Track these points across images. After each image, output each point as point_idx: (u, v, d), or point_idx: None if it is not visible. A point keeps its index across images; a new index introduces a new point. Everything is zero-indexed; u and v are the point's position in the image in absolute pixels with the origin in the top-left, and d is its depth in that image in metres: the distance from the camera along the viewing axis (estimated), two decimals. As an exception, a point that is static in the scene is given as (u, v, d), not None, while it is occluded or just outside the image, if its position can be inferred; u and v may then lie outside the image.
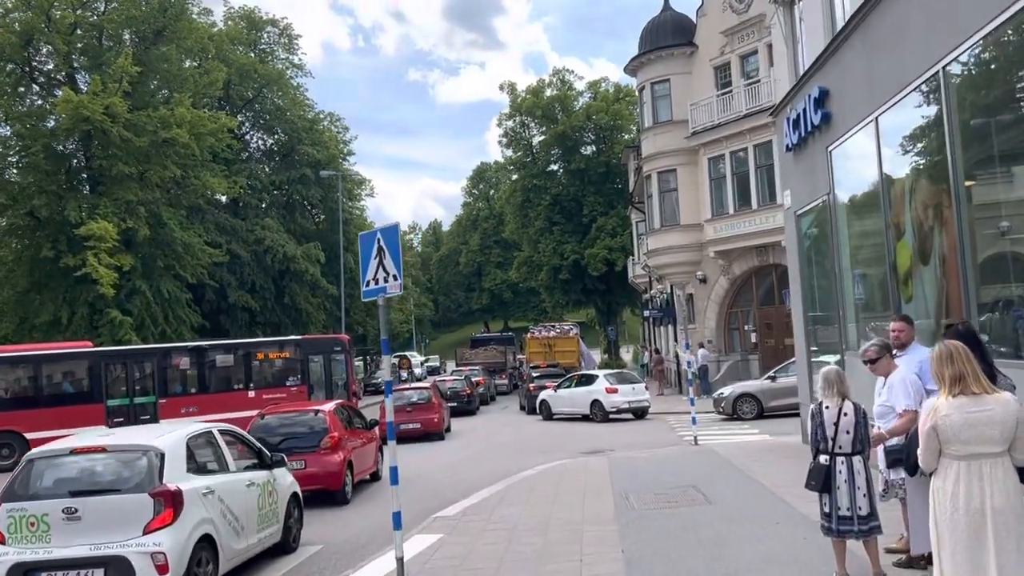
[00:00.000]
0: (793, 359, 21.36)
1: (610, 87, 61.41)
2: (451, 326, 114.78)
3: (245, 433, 9.50)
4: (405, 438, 21.03)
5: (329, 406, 14.20)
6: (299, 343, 26.88)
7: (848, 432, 5.85)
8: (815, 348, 13.56)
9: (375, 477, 15.20)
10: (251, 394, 25.51)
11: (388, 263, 7.03)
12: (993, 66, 7.52)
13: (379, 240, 7.15)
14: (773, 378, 20.62)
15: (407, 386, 23.69)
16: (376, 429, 15.97)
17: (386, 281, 7.05)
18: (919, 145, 8.84)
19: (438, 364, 67.71)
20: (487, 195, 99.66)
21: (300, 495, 10.18)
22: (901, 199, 9.45)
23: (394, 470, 7.14)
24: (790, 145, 13.30)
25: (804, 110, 12.27)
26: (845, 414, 5.87)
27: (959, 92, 7.84)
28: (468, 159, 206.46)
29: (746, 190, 27.65)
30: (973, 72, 7.74)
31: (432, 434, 21.12)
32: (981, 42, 7.11)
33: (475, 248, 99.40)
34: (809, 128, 12.19)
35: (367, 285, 7.27)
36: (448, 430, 23.31)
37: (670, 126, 30.33)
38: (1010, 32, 6.78)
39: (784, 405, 20.23)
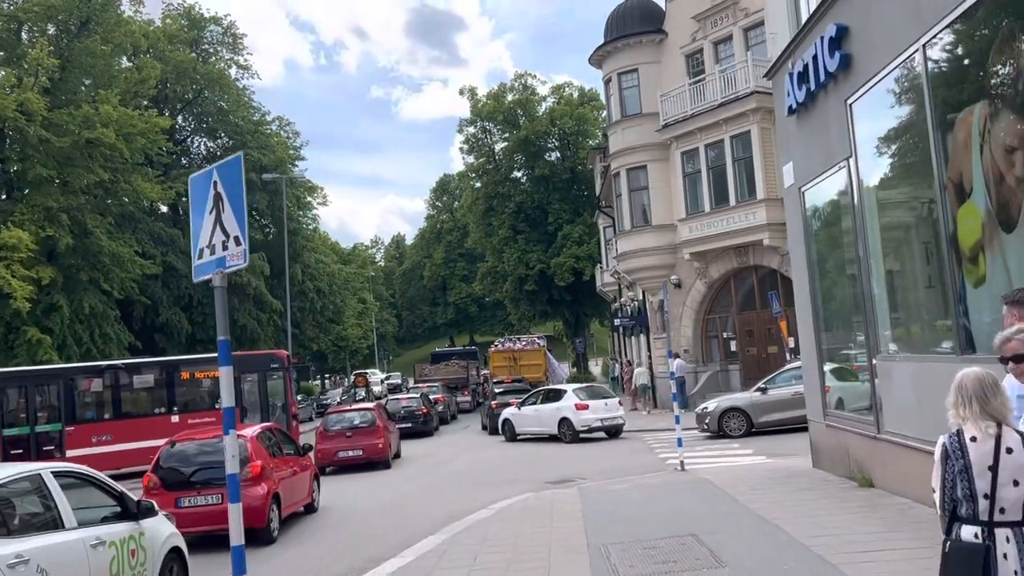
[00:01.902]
0: (788, 367, 19.10)
1: (574, 92, 59.48)
2: (416, 342, 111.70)
3: (99, 474, 7.18)
4: (346, 467, 18.41)
5: (251, 431, 12.01)
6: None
7: (1016, 483, 3.29)
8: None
9: (310, 509, 13.28)
10: (175, 419, 22.61)
11: (228, 219, 4.46)
12: None
13: (216, 184, 4.56)
14: (764, 390, 18.25)
15: (348, 407, 20.91)
16: (311, 455, 13.86)
17: (225, 248, 4.47)
18: (1001, 69, 6.47)
19: (400, 381, 64.66)
20: (451, 207, 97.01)
21: (184, 550, 7.91)
22: (964, 148, 7.06)
23: (238, 553, 4.50)
24: (793, 106, 10.94)
25: (814, 57, 9.91)
26: (1009, 450, 3.30)
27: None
28: (433, 175, 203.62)
29: (723, 186, 25.42)
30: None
31: (376, 462, 18.38)
32: None
33: (439, 261, 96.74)
34: (821, 79, 9.83)
35: (199, 257, 4.68)
36: (397, 456, 20.57)
37: (639, 119, 28.07)
38: None
39: (777, 421, 17.92)
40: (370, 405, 19.54)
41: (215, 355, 20.55)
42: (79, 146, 31.12)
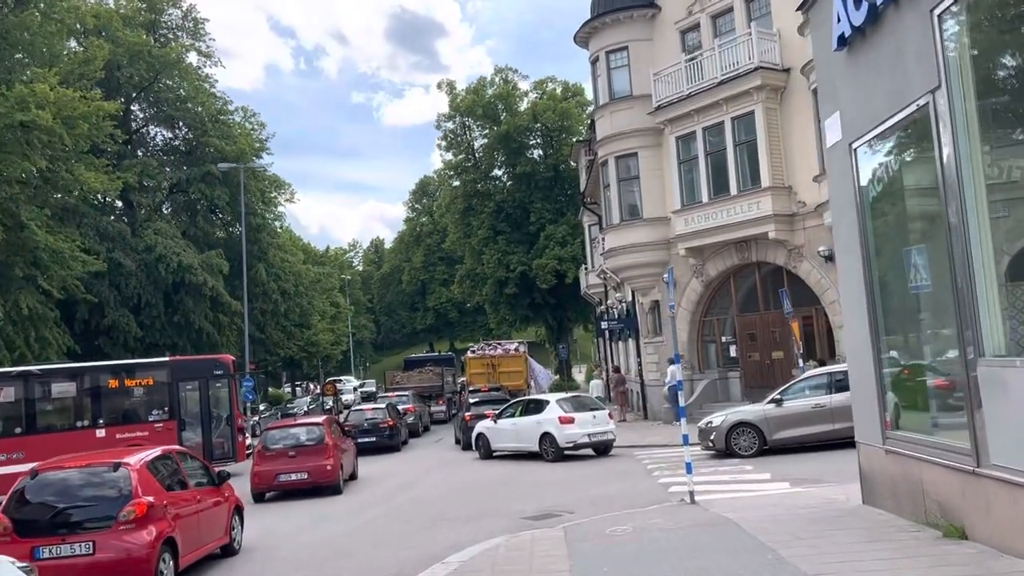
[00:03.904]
0: (808, 374, 16.58)
1: (557, 87, 57.04)
2: (394, 348, 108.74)
3: None
4: (291, 492, 15.67)
5: (139, 458, 9.35)
6: (167, 366, 21.15)
7: None
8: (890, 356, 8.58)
9: (228, 551, 10.65)
10: (100, 433, 19.79)
11: None
12: None
13: None
14: (778, 402, 15.68)
15: (292, 422, 18.14)
16: (228, 485, 11.08)
17: None
18: None
19: (374, 389, 61.73)
20: (430, 209, 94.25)
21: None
22: None
23: None
24: (847, 33, 8.38)
25: (884, -42, 7.37)
26: None
27: None
28: (415, 181, 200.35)
29: (723, 173, 22.90)
30: None
31: (324, 487, 15.59)
32: None
33: (418, 265, 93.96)
34: (894, -13, 7.28)
35: None
36: (353, 477, 17.84)
37: (629, 102, 25.54)
38: None
39: (794, 438, 15.43)
40: (318, 419, 16.76)
41: (148, 360, 17.57)
42: (11, 129, 28.16)
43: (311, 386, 70.34)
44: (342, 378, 76.58)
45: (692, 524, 9.12)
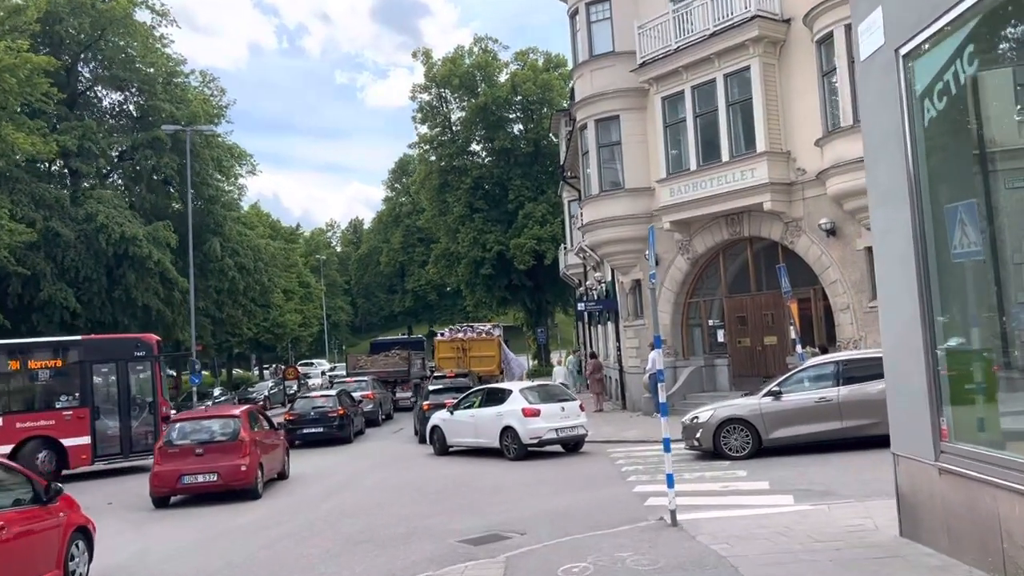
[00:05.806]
0: (809, 364, 14.29)
1: (539, 57, 54.33)
2: (371, 331, 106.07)
3: None
4: (198, 496, 13.22)
5: None
6: (79, 346, 18.58)
7: None
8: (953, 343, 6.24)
9: None
10: (-4, 422, 17.21)
11: None
12: None
13: None
14: (776, 394, 13.37)
15: (203, 413, 15.62)
16: (65, 501, 8.54)
17: None
18: None
19: (344, 373, 59.23)
20: (410, 189, 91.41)
21: None
22: None
23: None
24: None
25: None
26: None
27: None
28: (396, 161, 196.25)
29: (714, 137, 20.51)
30: None
31: (238, 490, 13.13)
32: None
33: (397, 246, 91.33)
34: None
35: None
36: (282, 477, 15.42)
37: (611, 59, 23.05)
38: None
39: (794, 437, 13.14)
40: (235, 411, 14.22)
41: (54, 339, 14.44)
42: (-74, 82, 25.38)
43: (277, 369, 67.76)
44: (313, 361, 73.84)
45: (671, 564, 6.77)
